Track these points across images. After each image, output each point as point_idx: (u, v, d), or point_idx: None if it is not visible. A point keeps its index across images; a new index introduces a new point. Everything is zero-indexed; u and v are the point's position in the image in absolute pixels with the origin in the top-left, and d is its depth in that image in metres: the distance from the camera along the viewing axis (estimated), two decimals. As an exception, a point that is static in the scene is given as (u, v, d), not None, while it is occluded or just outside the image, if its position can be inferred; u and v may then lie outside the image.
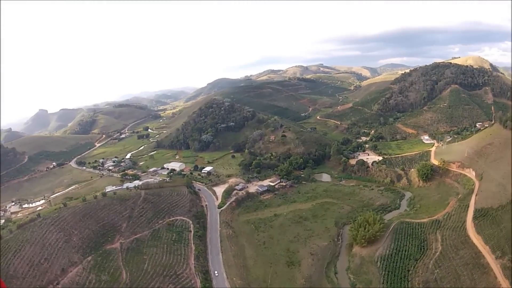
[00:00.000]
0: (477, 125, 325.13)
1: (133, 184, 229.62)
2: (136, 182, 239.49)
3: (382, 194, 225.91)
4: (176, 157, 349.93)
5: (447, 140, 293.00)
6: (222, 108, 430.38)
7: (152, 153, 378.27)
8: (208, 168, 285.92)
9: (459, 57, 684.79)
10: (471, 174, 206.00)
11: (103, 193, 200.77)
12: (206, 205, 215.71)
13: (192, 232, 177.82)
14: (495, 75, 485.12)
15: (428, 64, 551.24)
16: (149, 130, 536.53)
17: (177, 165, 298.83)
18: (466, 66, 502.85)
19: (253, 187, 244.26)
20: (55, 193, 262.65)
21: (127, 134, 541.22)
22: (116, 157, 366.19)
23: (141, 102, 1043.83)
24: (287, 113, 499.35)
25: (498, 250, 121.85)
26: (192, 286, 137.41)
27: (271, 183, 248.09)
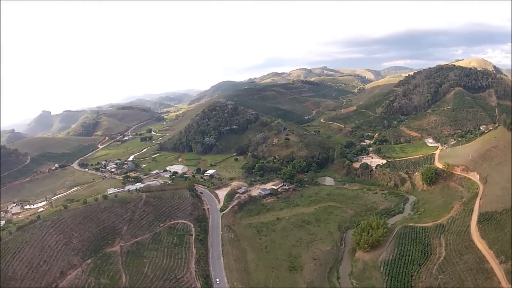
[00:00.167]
0: (481, 128, 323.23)
1: (135, 187, 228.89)
2: (138, 185, 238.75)
3: (386, 198, 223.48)
4: (179, 160, 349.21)
5: (451, 143, 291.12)
6: (225, 111, 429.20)
7: (155, 156, 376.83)
8: (211, 171, 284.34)
9: (463, 59, 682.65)
10: (475, 178, 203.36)
11: (104, 196, 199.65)
12: (208, 209, 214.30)
13: (194, 236, 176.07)
14: (499, 77, 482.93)
15: (432, 67, 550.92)
16: (152, 133, 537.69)
17: (180, 168, 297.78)
18: (470, 69, 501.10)
19: (256, 191, 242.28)
20: (57, 195, 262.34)
21: (130, 136, 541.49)
22: (119, 159, 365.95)
23: (145, 105, 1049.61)
24: (291, 116, 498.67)
25: (502, 255, 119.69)
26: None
27: (274, 187, 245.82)
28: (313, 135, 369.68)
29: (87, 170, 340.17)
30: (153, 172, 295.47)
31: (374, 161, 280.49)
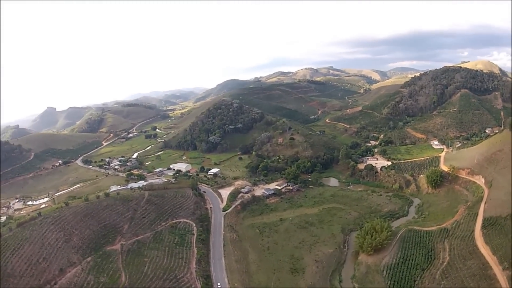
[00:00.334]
0: (487, 131, 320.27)
1: (138, 185, 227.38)
2: (141, 183, 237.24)
3: (390, 200, 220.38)
4: (183, 158, 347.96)
5: (457, 146, 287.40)
6: (231, 110, 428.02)
7: (159, 153, 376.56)
8: (215, 170, 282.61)
9: (469, 61, 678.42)
10: (480, 181, 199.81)
11: (106, 193, 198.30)
12: (211, 208, 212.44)
13: (195, 235, 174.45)
14: (505, 80, 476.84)
15: (438, 68, 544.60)
16: (157, 130, 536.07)
17: (183, 166, 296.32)
18: (476, 71, 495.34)
19: (259, 190, 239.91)
20: (60, 191, 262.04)
21: (135, 134, 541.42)
22: (123, 157, 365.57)
23: (151, 102, 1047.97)
24: (296, 116, 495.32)
25: (505, 261, 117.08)
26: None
27: (278, 187, 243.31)
28: (318, 135, 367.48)
29: (91, 167, 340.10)
30: (157, 170, 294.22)
31: (379, 163, 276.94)
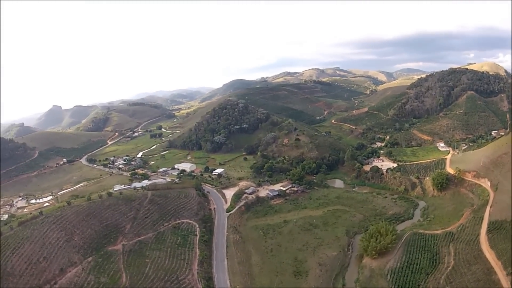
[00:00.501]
0: (493, 133, 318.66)
1: (141, 184, 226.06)
2: (145, 182, 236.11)
3: (396, 203, 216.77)
4: (188, 158, 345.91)
5: (463, 148, 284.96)
6: (236, 109, 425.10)
7: (164, 153, 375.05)
8: (219, 170, 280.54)
9: (475, 63, 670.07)
10: (486, 185, 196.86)
11: (109, 193, 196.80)
12: (215, 208, 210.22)
13: (198, 236, 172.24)
14: (511, 82, 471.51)
15: (445, 70, 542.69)
16: (162, 130, 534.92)
17: (188, 166, 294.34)
18: (482, 73, 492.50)
19: (264, 191, 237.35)
20: (63, 190, 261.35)
21: (140, 133, 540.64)
22: (127, 156, 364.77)
23: (156, 101, 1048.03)
24: (302, 116, 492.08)
25: (510, 266, 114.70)
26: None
27: (282, 188, 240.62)
28: (324, 136, 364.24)
29: (95, 166, 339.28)
30: (161, 170, 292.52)
31: (385, 164, 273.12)
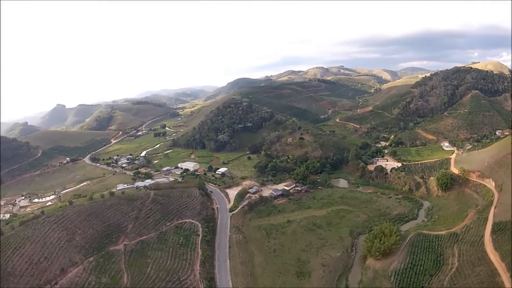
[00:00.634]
0: (497, 133, 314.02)
1: (144, 183, 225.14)
2: (148, 181, 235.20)
3: (400, 203, 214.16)
4: (192, 157, 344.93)
5: (467, 148, 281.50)
6: (240, 108, 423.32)
7: (167, 152, 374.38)
8: (223, 169, 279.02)
9: (479, 62, 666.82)
10: (491, 185, 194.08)
11: (111, 192, 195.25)
12: (217, 208, 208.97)
13: (200, 236, 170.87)
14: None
15: (449, 69, 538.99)
16: (166, 128, 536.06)
17: (191, 165, 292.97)
18: (486, 72, 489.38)
19: (267, 191, 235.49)
20: (66, 189, 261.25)
21: (144, 132, 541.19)
22: (131, 155, 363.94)
23: (160, 100, 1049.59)
24: (306, 115, 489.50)
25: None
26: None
27: (286, 187, 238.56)
28: (328, 135, 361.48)
29: (98, 165, 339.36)
30: (164, 169, 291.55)
31: (389, 164, 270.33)
